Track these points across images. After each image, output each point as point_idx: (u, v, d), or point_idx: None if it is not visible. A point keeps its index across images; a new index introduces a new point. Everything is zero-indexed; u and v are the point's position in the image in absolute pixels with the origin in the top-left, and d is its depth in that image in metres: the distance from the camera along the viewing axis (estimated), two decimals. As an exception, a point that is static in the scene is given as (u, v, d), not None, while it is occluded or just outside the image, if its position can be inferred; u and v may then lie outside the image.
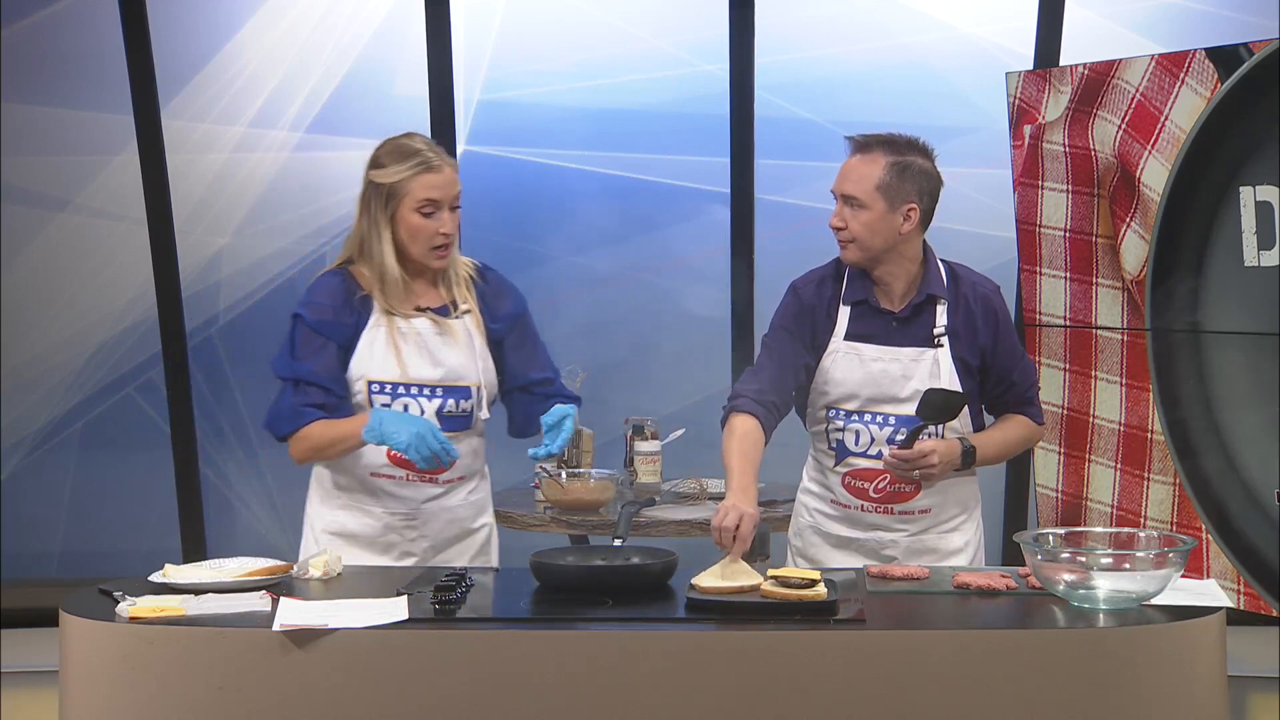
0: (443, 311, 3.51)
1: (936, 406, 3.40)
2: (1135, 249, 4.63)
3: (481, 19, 5.67)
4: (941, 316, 3.49)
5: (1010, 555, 5.17)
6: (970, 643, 2.77)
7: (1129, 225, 4.64)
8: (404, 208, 3.42)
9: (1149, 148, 4.54)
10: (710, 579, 3.02)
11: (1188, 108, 4.44)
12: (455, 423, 3.49)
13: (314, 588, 3.15)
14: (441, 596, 2.96)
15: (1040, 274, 4.91)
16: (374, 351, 3.45)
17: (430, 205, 3.41)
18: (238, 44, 5.66)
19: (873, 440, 3.48)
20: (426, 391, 3.46)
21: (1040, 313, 4.93)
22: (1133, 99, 4.56)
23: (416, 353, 3.46)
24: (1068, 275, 4.83)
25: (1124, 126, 4.60)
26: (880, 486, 3.51)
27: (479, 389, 3.51)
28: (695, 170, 5.71)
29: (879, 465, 3.48)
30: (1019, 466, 5.40)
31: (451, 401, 3.47)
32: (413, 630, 2.81)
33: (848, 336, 3.50)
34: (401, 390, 3.45)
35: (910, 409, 3.45)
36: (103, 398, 5.76)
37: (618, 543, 3.22)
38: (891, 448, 3.43)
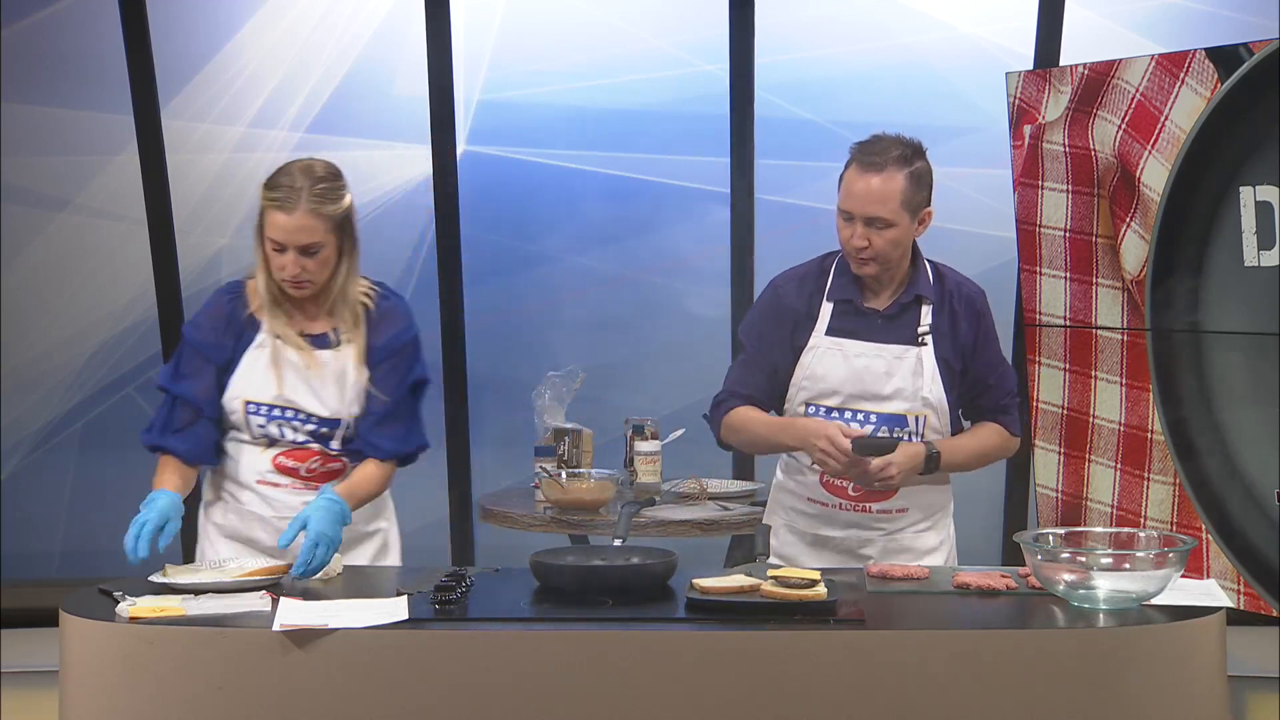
0: (322, 340, 3.45)
1: (869, 450, 3.40)
2: (1135, 249, 4.63)
3: (481, 19, 5.67)
4: (926, 316, 3.49)
5: (1010, 555, 5.17)
6: (970, 643, 2.77)
7: (1129, 225, 4.63)
8: (264, 234, 3.38)
9: (1149, 148, 4.54)
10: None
11: (1188, 108, 4.44)
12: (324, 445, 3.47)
13: (314, 588, 3.15)
14: (441, 596, 2.96)
15: (1040, 274, 4.90)
16: (254, 371, 3.42)
17: (275, 244, 3.34)
18: (238, 44, 5.66)
19: None
20: (301, 417, 3.43)
21: (1040, 313, 4.93)
22: (1133, 99, 4.56)
23: (295, 377, 3.42)
24: (1068, 275, 4.83)
25: (1124, 126, 4.59)
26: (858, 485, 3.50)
27: (347, 423, 3.45)
28: (695, 170, 5.71)
29: None
30: (1019, 466, 5.40)
31: (325, 429, 3.44)
32: (413, 630, 2.81)
33: (830, 332, 3.49)
34: (277, 412, 3.43)
35: (891, 407, 3.45)
36: (103, 398, 5.76)
37: (618, 543, 3.22)
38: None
